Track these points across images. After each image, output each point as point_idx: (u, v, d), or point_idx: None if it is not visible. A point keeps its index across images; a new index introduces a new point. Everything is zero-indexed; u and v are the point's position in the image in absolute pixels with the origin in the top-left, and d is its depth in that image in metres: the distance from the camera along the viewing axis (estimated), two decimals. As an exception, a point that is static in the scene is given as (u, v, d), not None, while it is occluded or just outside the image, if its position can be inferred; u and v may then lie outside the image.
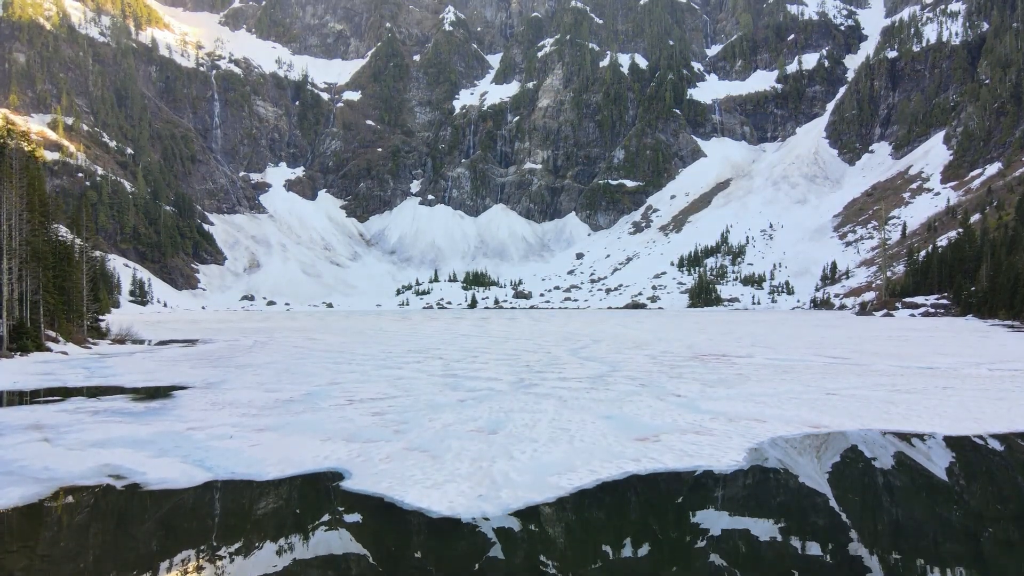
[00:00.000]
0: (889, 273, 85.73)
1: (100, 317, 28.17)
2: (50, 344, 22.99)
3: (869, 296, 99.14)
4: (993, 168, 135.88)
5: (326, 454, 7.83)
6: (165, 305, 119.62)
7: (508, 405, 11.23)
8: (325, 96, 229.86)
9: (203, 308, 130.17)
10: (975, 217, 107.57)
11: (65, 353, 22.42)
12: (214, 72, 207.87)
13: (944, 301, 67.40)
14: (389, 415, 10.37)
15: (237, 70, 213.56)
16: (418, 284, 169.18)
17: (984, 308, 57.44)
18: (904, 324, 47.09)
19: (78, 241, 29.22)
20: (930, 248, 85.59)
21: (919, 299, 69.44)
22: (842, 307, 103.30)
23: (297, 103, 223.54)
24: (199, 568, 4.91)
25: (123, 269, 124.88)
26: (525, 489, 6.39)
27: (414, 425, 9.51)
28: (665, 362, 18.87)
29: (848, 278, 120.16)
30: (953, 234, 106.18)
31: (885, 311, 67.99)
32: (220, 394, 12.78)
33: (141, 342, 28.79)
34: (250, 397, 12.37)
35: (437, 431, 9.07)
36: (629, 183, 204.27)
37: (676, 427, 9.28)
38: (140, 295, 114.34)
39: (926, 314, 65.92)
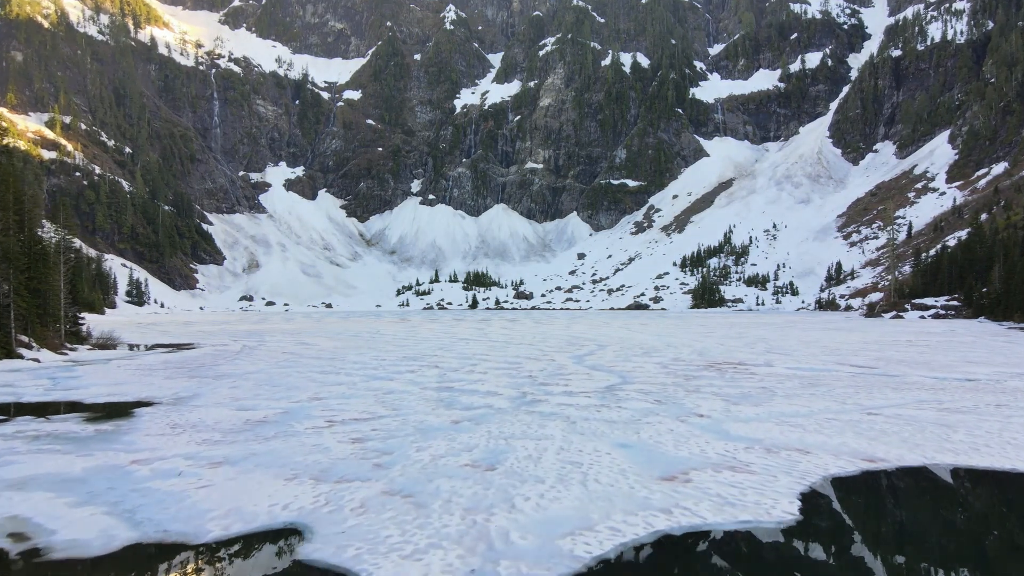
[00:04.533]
0: (896, 273, 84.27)
1: (80, 320, 26.81)
2: (22, 351, 21.63)
3: (875, 297, 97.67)
4: (999, 168, 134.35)
5: (287, 501, 6.43)
6: (162, 306, 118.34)
7: (509, 429, 9.84)
8: (325, 95, 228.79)
9: (201, 309, 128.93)
10: (982, 217, 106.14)
11: (37, 360, 21.05)
12: (214, 71, 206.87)
13: (955, 303, 65.89)
14: (372, 442, 8.98)
15: (237, 69, 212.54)
16: (418, 284, 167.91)
17: (997, 310, 55.93)
18: (918, 327, 45.62)
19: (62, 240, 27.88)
20: (939, 248, 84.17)
21: (929, 300, 67.94)
22: (847, 308, 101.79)
23: (297, 102, 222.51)
24: None
25: (120, 269, 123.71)
26: (531, 560, 4.98)
27: (399, 457, 8.12)
28: (678, 372, 17.47)
29: (853, 279, 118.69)
30: (962, 234, 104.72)
31: (894, 313, 66.51)
32: (186, 413, 11.40)
33: (123, 347, 27.42)
34: (218, 417, 10.98)
35: (425, 465, 7.68)
36: (631, 183, 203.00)
37: (707, 460, 7.88)
38: (137, 295, 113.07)
39: (936, 316, 64.42)
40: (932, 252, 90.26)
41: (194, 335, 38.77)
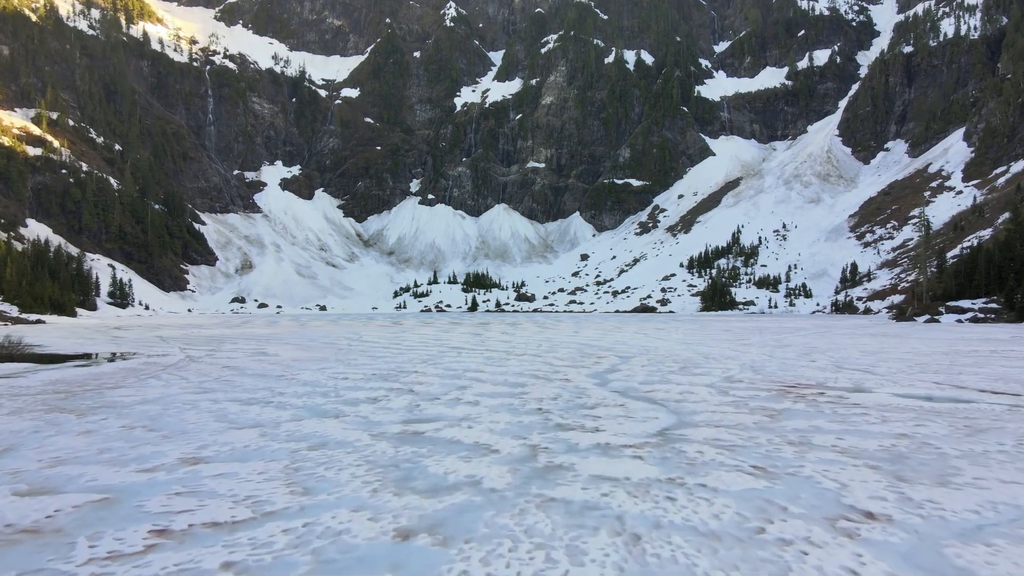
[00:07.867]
0: (928, 273, 79.27)
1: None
2: None
3: (896, 299, 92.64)
4: (1019, 165, 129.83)
5: None
6: (147, 307, 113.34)
7: (507, 565, 4.73)
8: (323, 93, 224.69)
9: (189, 311, 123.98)
10: (1003, 217, 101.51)
11: None
12: (208, 68, 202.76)
13: (993, 305, 60.75)
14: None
15: (232, 66, 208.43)
16: (416, 286, 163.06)
17: (1048, 314, 50.85)
18: (970, 332, 40.48)
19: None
20: (973, 246, 79.12)
21: (965, 303, 62.79)
22: (867, 311, 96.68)
23: (294, 100, 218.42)
24: None
25: (105, 270, 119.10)
26: None
27: None
28: (748, 402, 12.34)
29: (870, 280, 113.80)
30: (983, 233, 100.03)
31: (928, 316, 61.37)
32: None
33: (37, 359, 22.35)
34: (-36, 515, 5.89)
35: None
36: (635, 182, 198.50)
37: None
38: (120, 297, 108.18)
39: (974, 320, 59.27)
40: (957, 252, 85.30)
41: (148, 341, 33.72)
